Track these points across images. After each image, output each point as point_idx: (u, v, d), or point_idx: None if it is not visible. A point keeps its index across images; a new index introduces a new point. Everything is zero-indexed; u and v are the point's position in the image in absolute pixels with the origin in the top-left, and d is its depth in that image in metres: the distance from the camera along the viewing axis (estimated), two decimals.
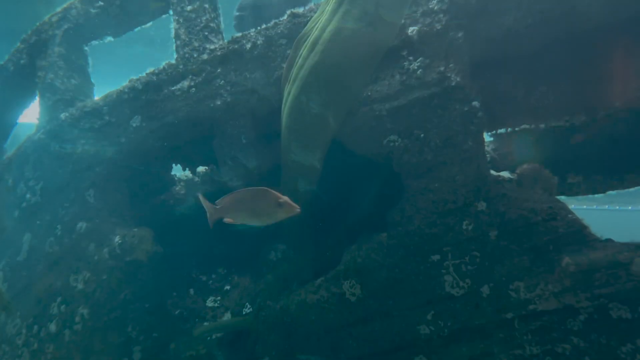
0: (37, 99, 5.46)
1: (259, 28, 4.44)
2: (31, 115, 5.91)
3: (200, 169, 5.56)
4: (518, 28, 3.70)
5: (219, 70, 4.48)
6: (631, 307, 3.33)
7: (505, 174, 3.98)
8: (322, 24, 3.38)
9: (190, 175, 5.63)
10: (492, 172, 3.90)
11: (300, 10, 4.31)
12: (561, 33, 3.73)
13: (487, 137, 4.89)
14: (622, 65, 3.80)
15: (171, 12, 4.97)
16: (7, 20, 15.82)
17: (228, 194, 3.43)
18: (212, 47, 4.59)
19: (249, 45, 4.39)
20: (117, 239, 4.54)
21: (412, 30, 3.88)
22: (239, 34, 4.50)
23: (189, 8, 4.78)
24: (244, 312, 4.31)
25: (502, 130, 4.57)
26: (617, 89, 3.83)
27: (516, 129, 4.44)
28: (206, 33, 4.68)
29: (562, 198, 3.79)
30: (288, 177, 4.19)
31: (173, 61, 4.72)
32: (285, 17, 4.37)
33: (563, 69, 4.02)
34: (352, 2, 3.21)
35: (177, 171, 5.53)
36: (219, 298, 4.47)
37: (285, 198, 3.17)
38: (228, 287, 4.50)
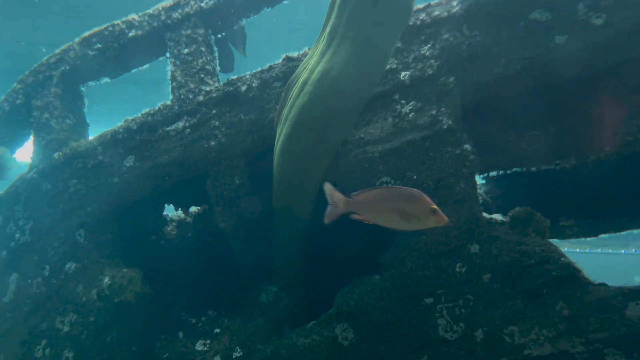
0: (31, 138, 5.47)
1: (254, 71, 4.53)
2: (25, 154, 5.92)
3: (193, 209, 5.55)
4: (508, 74, 3.79)
5: (214, 111, 4.53)
6: (626, 353, 3.29)
7: (497, 216, 4.00)
8: (312, 66, 3.46)
9: (183, 215, 5.60)
10: (485, 214, 3.91)
11: (295, 54, 4.41)
12: (551, 79, 3.82)
13: (479, 180, 4.94)
14: (612, 110, 3.88)
15: (168, 54, 5.06)
16: (6, 61, 16.04)
17: (367, 189, 3.20)
18: (207, 88, 4.65)
19: (244, 88, 4.46)
20: (106, 279, 4.47)
21: (404, 74, 3.97)
22: (234, 77, 4.57)
23: (185, 51, 4.88)
24: (234, 356, 4.21)
25: (494, 173, 4.61)
26: (606, 133, 3.90)
27: (508, 172, 4.48)
28: (202, 75, 4.76)
29: (554, 241, 3.79)
30: (280, 217, 4.17)
31: (168, 102, 4.77)
32: (280, 60, 4.47)
33: (553, 114, 4.09)
34: (340, 44, 3.30)
35: (169, 211, 5.51)
36: (208, 341, 4.37)
37: (436, 206, 3.00)
38: (218, 330, 4.41)
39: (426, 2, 4.10)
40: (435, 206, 2.99)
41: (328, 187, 3.19)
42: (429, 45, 3.97)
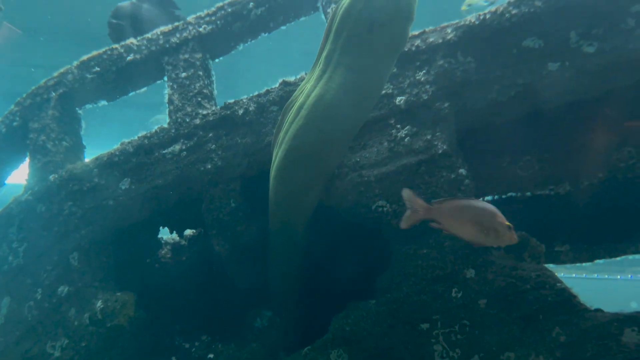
0: (27, 160, 5.46)
1: (251, 95, 4.56)
2: (20, 176, 5.90)
3: (188, 232, 5.52)
4: (501, 100, 3.84)
5: (210, 134, 4.55)
6: None
7: None
8: (308, 90, 3.50)
9: (177, 238, 5.57)
10: None
11: (292, 79, 4.45)
12: (544, 105, 3.87)
13: None
14: (604, 136, 3.92)
15: (165, 78, 5.10)
16: (4, 84, 16.12)
17: (448, 198, 3.31)
18: (204, 112, 4.68)
19: (241, 111, 4.49)
20: (99, 303, 4.42)
21: (399, 99, 4.01)
22: (231, 101, 4.60)
23: (183, 75, 4.92)
24: None
25: (489, 198, 4.63)
26: (599, 159, 3.93)
27: (503, 196, 4.49)
28: (199, 99, 4.79)
29: (550, 266, 3.79)
30: (275, 241, 4.16)
31: (165, 125, 4.79)
32: (277, 85, 4.50)
33: (547, 139, 4.13)
34: (335, 69, 3.34)
35: (164, 234, 5.48)
36: None
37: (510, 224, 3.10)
38: (212, 356, 4.35)
39: (421, 28, 4.17)
40: (509, 223, 3.07)
41: (407, 193, 3.28)
42: (424, 71, 4.03)
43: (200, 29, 5.01)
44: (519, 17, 3.81)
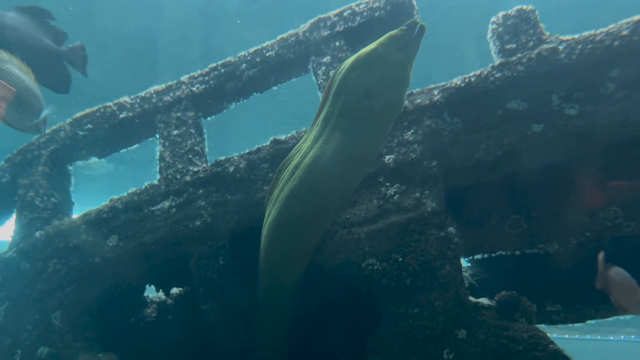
0: (14, 216, 5.40)
1: (241, 152, 4.60)
2: (5, 233, 5.81)
3: (174, 290, 5.41)
4: (488, 159, 3.91)
5: (200, 191, 4.56)
6: None
7: (484, 300, 3.96)
8: (304, 151, 3.54)
9: (163, 296, 5.46)
10: (471, 298, 3.88)
11: (283, 137, 4.51)
12: (529, 165, 3.94)
13: (464, 263, 4.93)
14: (590, 196, 3.98)
15: (157, 135, 5.15)
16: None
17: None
18: (195, 169, 4.70)
19: (231, 169, 4.51)
20: None
21: (388, 158, 4.07)
22: (222, 158, 4.63)
23: (175, 132, 4.97)
24: None
25: (479, 256, 4.62)
26: (586, 219, 3.98)
27: (492, 255, 4.50)
28: (190, 156, 4.82)
29: (542, 327, 3.74)
30: (264, 299, 4.09)
31: (155, 181, 4.79)
32: (268, 143, 4.56)
33: (534, 198, 4.18)
34: (332, 132, 3.39)
35: (150, 292, 5.37)
36: None
37: None
38: None
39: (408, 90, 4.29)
40: None
41: (601, 256, 3.65)
42: (412, 130, 4.11)
43: (194, 89, 5.11)
44: (503, 80, 3.95)
